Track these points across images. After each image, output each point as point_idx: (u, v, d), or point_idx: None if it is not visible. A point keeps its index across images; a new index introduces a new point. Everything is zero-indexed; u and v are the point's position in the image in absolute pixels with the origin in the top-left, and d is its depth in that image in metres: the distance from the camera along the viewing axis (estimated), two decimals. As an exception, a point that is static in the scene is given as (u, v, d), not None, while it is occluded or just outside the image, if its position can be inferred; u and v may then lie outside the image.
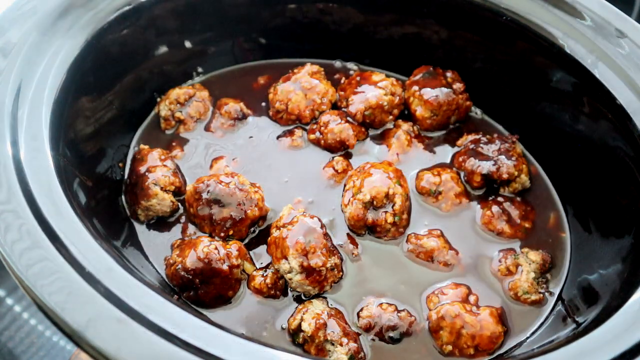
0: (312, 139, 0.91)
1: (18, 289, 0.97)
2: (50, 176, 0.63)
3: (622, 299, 0.61)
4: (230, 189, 0.77)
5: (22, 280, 0.54)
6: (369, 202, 0.79)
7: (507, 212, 0.85)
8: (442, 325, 0.71)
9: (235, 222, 0.77)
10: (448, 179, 0.86)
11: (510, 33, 0.86)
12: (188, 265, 0.71)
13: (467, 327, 0.70)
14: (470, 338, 0.70)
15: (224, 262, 0.72)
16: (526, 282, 0.78)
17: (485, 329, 0.70)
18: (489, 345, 0.71)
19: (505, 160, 0.86)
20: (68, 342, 0.97)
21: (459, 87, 0.94)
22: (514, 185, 0.87)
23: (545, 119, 0.90)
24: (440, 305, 0.73)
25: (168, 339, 0.51)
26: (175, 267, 0.72)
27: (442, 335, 0.71)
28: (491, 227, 0.84)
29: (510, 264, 0.79)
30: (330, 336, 0.69)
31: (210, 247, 0.72)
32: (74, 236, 0.58)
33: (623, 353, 0.53)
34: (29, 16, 0.75)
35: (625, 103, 0.74)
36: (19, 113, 0.67)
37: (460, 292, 0.76)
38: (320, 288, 0.74)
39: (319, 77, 0.95)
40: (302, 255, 0.72)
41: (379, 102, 0.91)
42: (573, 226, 0.85)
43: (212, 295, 0.73)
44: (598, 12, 0.81)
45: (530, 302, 0.77)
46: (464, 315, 0.71)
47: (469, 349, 0.71)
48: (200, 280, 0.71)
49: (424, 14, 0.94)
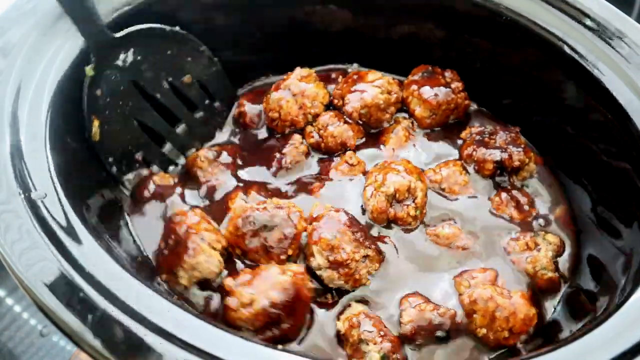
0: (311, 142, 0.91)
1: (18, 289, 0.97)
2: (50, 176, 0.63)
3: (622, 299, 0.61)
4: (271, 211, 0.75)
5: (22, 280, 0.54)
6: (392, 194, 0.80)
7: (515, 199, 0.86)
8: (475, 309, 0.71)
9: (290, 239, 0.74)
10: (450, 173, 0.87)
11: (511, 33, 0.86)
12: (275, 300, 0.65)
13: (500, 310, 0.69)
14: (505, 321, 0.69)
15: (305, 286, 0.68)
16: (545, 257, 0.78)
17: (518, 311, 0.70)
18: (523, 327, 0.70)
19: (515, 148, 0.87)
20: (68, 342, 0.97)
21: (457, 86, 0.94)
22: (522, 173, 0.88)
23: (545, 119, 0.90)
24: (472, 290, 0.72)
25: (168, 340, 0.51)
26: (257, 306, 0.65)
27: (475, 319, 0.71)
28: (501, 211, 0.85)
29: (529, 240, 0.80)
30: (364, 335, 0.68)
31: (288, 274, 0.68)
32: (74, 236, 0.58)
33: (623, 353, 0.53)
34: (29, 16, 0.75)
35: (625, 103, 0.74)
36: (19, 113, 0.67)
37: (488, 276, 0.75)
38: (354, 282, 0.74)
39: (310, 80, 0.94)
40: (328, 250, 0.72)
41: (375, 101, 0.91)
42: (579, 220, 0.86)
43: (297, 326, 0.69)
44: (598, 12, 0.81)
45: (546, 279, 0.77)
46: (497, 297, 0.70)
47: (503, 332, 0.70)
48: (287, 313, 0.66)
49: (424, 14, 0.94)
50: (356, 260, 0.73)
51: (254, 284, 0.67)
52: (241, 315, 0.65)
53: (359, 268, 0.74)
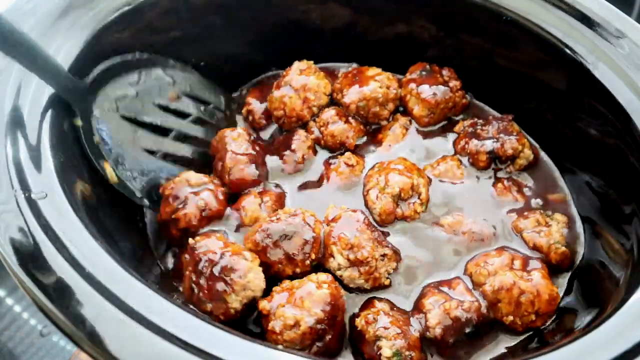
0: (312, 138, 0.91)
1: (18, 289, 0.97)
2: (50, 176, 0.63)
3: (622, 299, 0.61)
4: (286, 220, 0.74)
5: (22, 280, 0.54)
6: (397, 194, 0.80)
7: (517, 182, 0.87)
8: (499, 297, 0.70)
9: (311, 243, 0.73)
10: (448, 168, 0.87)
11: (511, 33, 0.86)
12: (321, 316, 0.64)
13: (525, 294, 0.69)
14: (530, 304, 0.69)
15: (341, 295, 0.68)
16: (557, 232, 0.79)
17: (542, 292, 0.70)
18: (549, 307, 0.70)
19: (507, 137, 0.87)
20: (68, 342, 0.97)
21: (455, 84, 0.94)
22: (519, 161, 0.88)
23: (545, 120, 0.90)
24: (493, 278, 0.72)
25: (168, 340, 0.51)
26: (304, 327, 0.64)
27: (501, 308, 0.71)
28: (505, 195, 0.85)
29: (539, 217, 0.81)
30: (380, 332, 0.68)
31: (324, 286, 0.67)
32: (74, 236, 0.58)
33: (623, 353, 0.53)
34: (29, 16, 0.75)
35: (625, 103, 0.74)
36: (19, 113, 0.67)
37: (505, 259, 0.75)
38: (373, 281, 0.74)
39: (309, 72, 0.94)
40: (348, 250, 0.72)
41: (373, 95, 0.91)
42: (579, 208, 0.86)
43: (338, 336, 0.68)
44: (598, 12, 0.81)
45: (560, 253, 0.78)
46: (519, 282, 0.70)
47: (529, 316, 0.70)
48: (330, 326, 0.66)
49: (424, 14, 0.94)
50: (376, 258, 0.74)
51: (295, 302, 0.65)
52: (287, 337, 0.63)
53: (379, 267, 0.74)
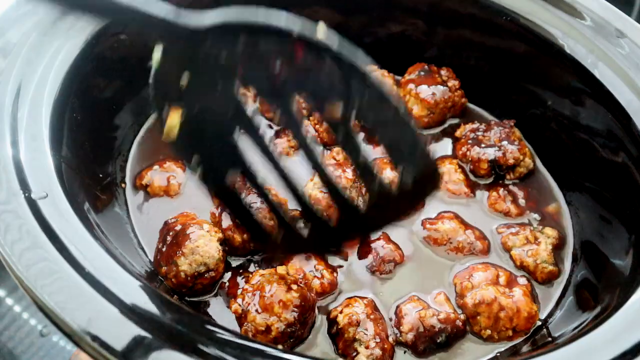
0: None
1: (18, 289, 0.97)
2: (50, 176, 0.63)
3: (622, 299, 0.61)
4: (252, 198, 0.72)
5: (22, 280, 0.54)
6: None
7: (512, 193, 0.87)
8: (479, 311, 0.71)
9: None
10: (446, 171, 0.87)
11: (510, 33, 0.86)
12: (291, 320, 0.66)
13: (504, 310, 0.70)
14: (509, 320, 0.70)
15: (310, 291, 0.70)
16: (545, 251, 0.78)
17: (521, 309, 0.70)
18: (527, 325, 0.71)
19: (509, 145, 0.87)
20: (68, 342, 0.97)
21: (454, 84, 0.94)
22: (519, 170, 0.88)
23: (544, 120, 0.90)
24: (474, 292, 0.72)
25: (168, 339, 0.51)
26: (276, 332, 0.64)
27: (479, 321, 0.71)
28: (498, 207, 0.85)
29: (528, 234, 0.80)
30: (360, 335, 0.67)
31: (293, 287, 0.67)
32: (74, 236, 0.58)
33: (623, 353, 0.53)
34: (29, 16, 0.75)
35: (625, 103, 0.74)
36: (19, 113, 0.66)
37: (490, 274, 0.75)
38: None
39: None
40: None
41: None
42: (574, 219, 0.86)
43: (308, 327, 0.71)
44: (598, 12, 0.81)
45: (547, 272, 0.77)
46: (500, 298, 0.70)
47: (507, 331, 0.70)
48: (302, 323, 0.67)
49: (423, 13, 0.94)
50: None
51: (264, 307, 0.66)
52: (260, 339, 0.65)
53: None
